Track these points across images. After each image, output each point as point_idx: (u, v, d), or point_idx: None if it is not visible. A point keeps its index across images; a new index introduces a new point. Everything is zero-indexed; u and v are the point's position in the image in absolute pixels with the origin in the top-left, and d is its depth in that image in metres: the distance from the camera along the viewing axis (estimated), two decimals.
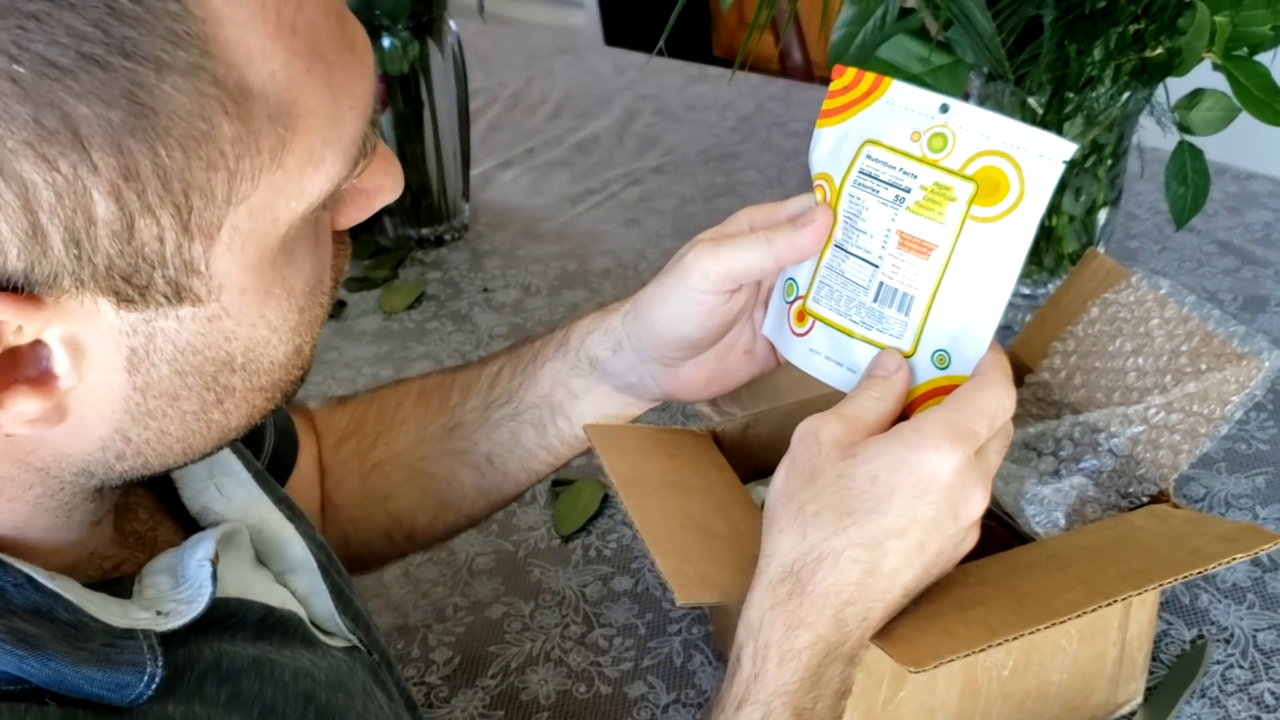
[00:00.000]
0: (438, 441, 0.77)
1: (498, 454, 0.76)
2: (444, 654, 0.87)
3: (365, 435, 0.79)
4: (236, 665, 0.50)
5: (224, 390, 0.45)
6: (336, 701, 0.53)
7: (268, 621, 0.53)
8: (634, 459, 0.71)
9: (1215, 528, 0.67)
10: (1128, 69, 0.96)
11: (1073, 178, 1.05)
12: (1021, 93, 1.00)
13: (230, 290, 0.43)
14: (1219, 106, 0.96)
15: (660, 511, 0.67)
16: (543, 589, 0.92)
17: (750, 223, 0.66)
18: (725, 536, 0.67)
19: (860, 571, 0.56)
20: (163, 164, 0.38)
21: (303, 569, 0.58)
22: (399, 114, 1.30)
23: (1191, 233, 1.27)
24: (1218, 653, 0.82)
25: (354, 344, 1.23)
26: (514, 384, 0.74)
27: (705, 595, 0.62)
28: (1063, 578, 0.63)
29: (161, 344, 0.43)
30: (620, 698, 0.83)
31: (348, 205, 0.49)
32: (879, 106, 0.63)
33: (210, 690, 0.48)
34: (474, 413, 0.76)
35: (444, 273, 1.34)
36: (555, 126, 1.64)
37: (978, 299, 0.60)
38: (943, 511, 0.56)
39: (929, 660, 0.58)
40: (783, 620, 0.56)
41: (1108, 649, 0.74)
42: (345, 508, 0.79)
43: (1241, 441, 0.99)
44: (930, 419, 0.56)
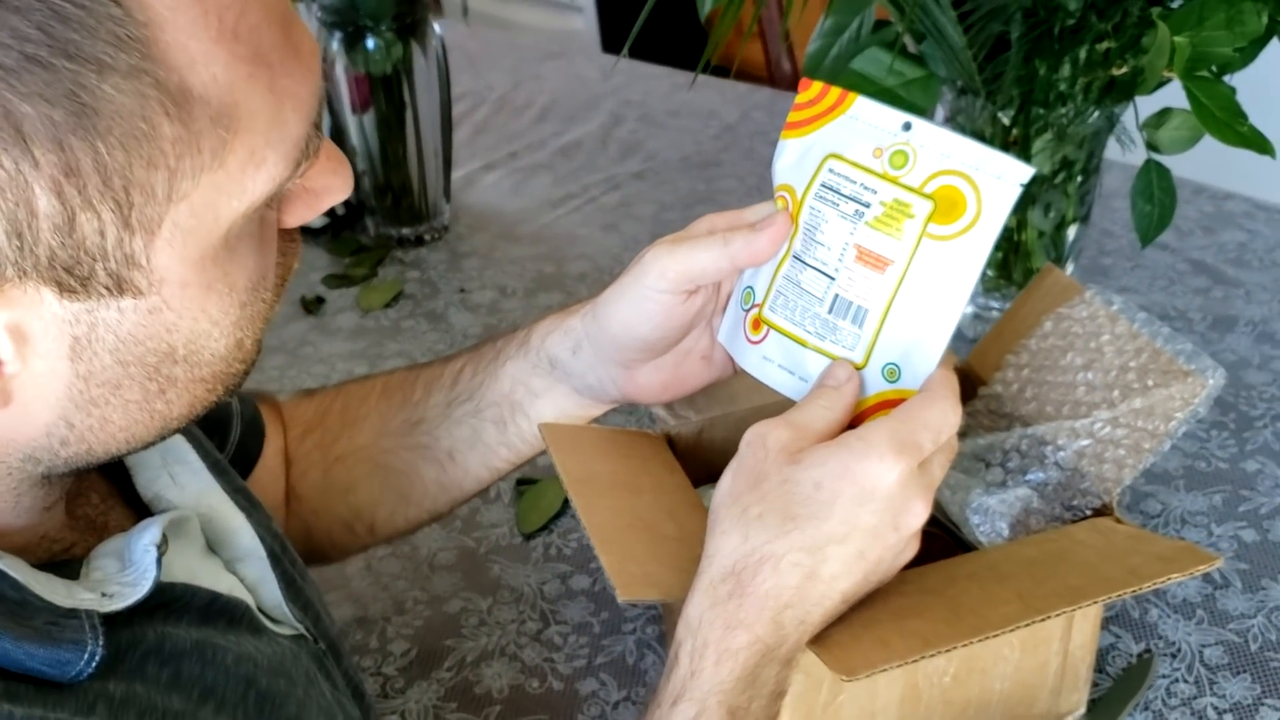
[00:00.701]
0: (400, 436, 0.78)
1: (459, 450, 0.77)
2: (401, 646, 0.88)
3: (330, 428, 0.80)
4: (179, 648, 0.50)
5: (166, 381, 0.46)
6: (277, 687, 0.54)
7: (213, 607, 0.54)
8: (587, 459, 0.72)
9: (1155, 546, 0.68)
10: (1098, 86, 0.97)
11: (1042, 193, 1.06)
12: (992, 107, 1.01)
13: (171, 284, 0.44)
14: (1186, 125, 0.96)
15: (609, 511, 0.68)
16: (502, 585, 0.93)
17: (711, 227, 0.67)
18: (672, 537, 0.68)
19: (800, 576, 0.57)
20: (103, 161, 0.40)
21: (251, 557, 0.59)
22: (381, 114, 1.31)
23: (1165, 251, 1.29)
24: (1164, 667, 0.83)
25: (330, 340, 1.24)
26: (476, 381, 0.75)
27: (647, 593, 0.63)
28: (1000, 591, 0.64)
29: (103, 334, 0.44)
30: (572, 693, 0.84)
31: (295, 204, 0.51)
32: (843, 121, 0.64)
33: (152, 671, 0.49)
34: (436, 409, 0.77)
35: (422, 272, 1.35)
36: (540, 130, 1.65)
37: (930, 315, 0.61)
38: (884, 520, 0.57)
39: (862, 669, 0.59)
40: (722, 620, 0.57)
41: (1050, 659, 0.75)
42: (308, 499, 0.80)
43: (1201, 459, 1.00)
44: (877, 429, 0.58)
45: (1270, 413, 1.04)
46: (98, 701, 0.46)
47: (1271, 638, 0.84)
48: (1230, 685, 0.81)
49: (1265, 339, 1.13)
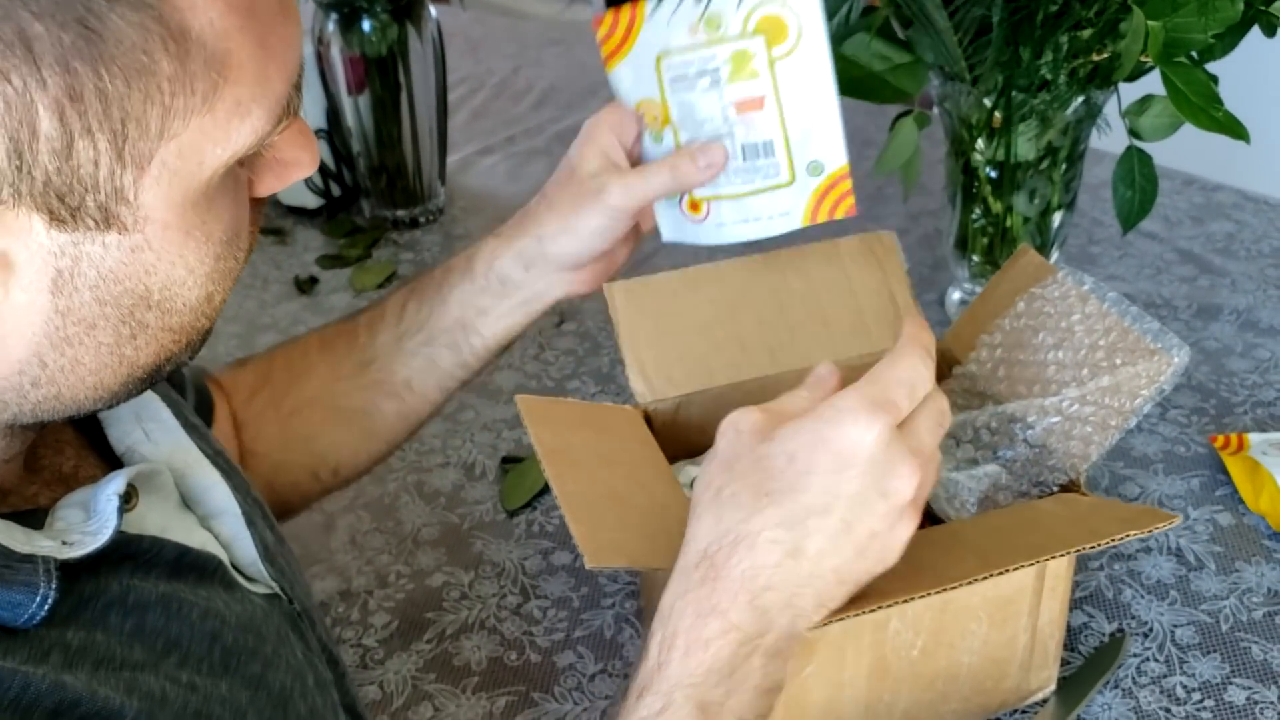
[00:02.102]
0: (353, 378, 0.82)
1: (416, 379, 0.82)
2: (383, 618, 0.90)
3: (276, 385, 0.83)
4: (144, 600, 0.51)
5: (138, 326, 0.48)
6: (245, 642, 0.55)
7: (183, 561, 0.55)
8: (562, 431, 0.73)
9: (1117, 511, 0.69)
10: (1083, 73, 0.98)
11: (1027, 179, 1.07)
12: (979, 92, 1.02)
13: (154, 224, 0.46)
14: (1167, 112, 0.97)
15: (581, 481, 0.69)
16: (484, 560, 0.94)
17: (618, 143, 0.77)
18: (643, 507, 0.69)
19: (780, 554, 0.55)
20: (105, 89, 0.42)
21: (226, 514, 0.60)
22: (376, 96, 1.32)
23: (1153, 240, 1.29)
24: (1135, 646, 0.84)
25: (322, 319, 1.25)
26: (423, 314, 0.80)
27: (615, 560, 0.64)
28: (960, 551, 0.65)
29: (86, 269, 0.45)
30: (549, 666, 0.85)
31: (265, 174, 0.53)
32: (648, 27, 0.75)
33: (114, 621, 0.50)
34: (386, 346, 0.81)
35: (416, 254, 1.36)
36: (538, 116, 1.66)
37: (815, 110, 0.73)
38: (868, 486, 0.54)
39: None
40: (693, 607, 0.55)
41: (1019, 634, 0.76)
42: (268, 455, 0.83)
43: (1180, 444, 1.01)
44: (846, 394, 0.55)
45: (1251, 399, 1.05)
46: (52, 650, 0.46)
47: (1243, 619, 0.85)
48: (1200, 664, 0.82)
49: (1249, 327, 1.14)
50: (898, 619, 0.71)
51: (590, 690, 0.83)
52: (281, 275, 1.34)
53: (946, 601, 0.72)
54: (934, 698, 0.76)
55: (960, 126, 1.07)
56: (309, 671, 0.59)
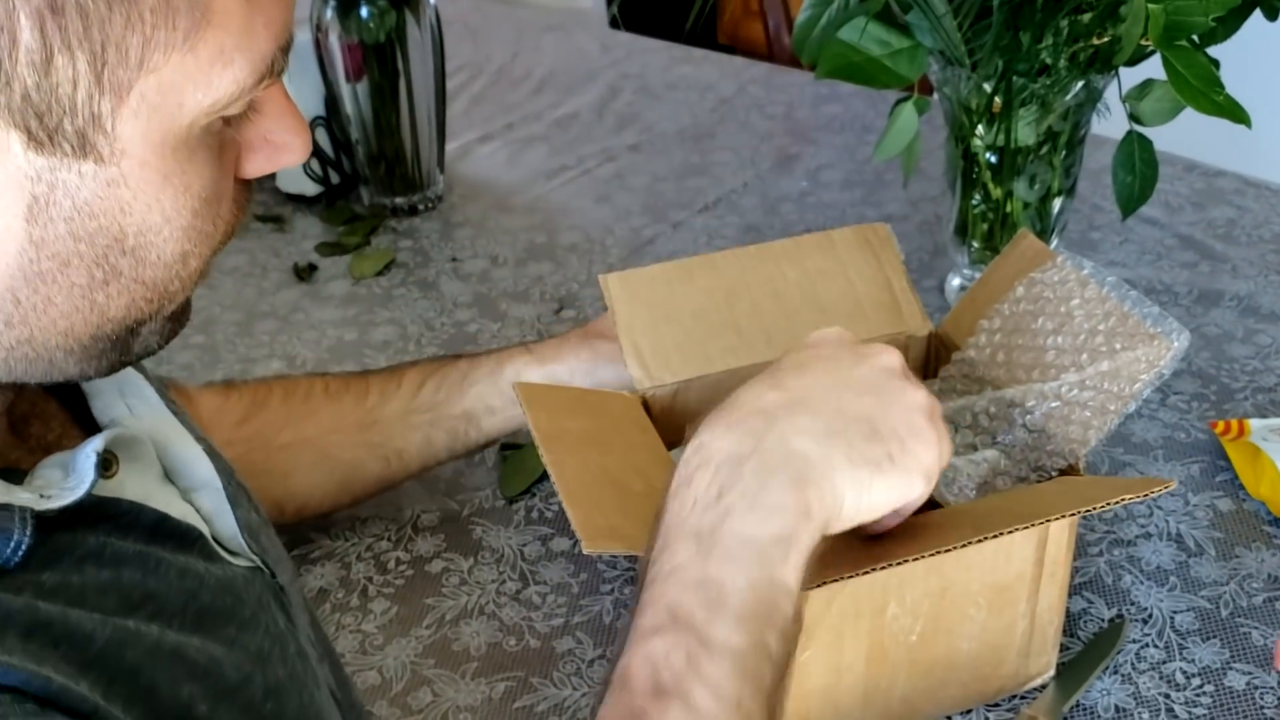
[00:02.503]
0: (352, 432, 0.84)
1: (408, 451, 0.85)
2: (382, 604, 0.90)
3: (272, 417, 0.85)
4: (120, 555, 0.52)
5: (111, 271, 0.48)
6: (223, 603, 0.55)
7: (162, 527, 0.55)
8: (559, 416, 0.73)
9: (1113, 483, 0.69)
10: (1083, 57, 0.98)
11: (1028, 165, 1.07)
12: (978, 77, 1.01)
13: (131, 159, 0.46)
14: (1168, 97, 0.97)
15: (578, 466, 0.69)
16: (483, 547, 0.94)
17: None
18: (640, 493, 0.69)
19: (769, 389, 0.60)
20: (86, 6, 0.42)
21: (208, 488, 0.60)
22: (375, 83, 1.31)
23: (1154, 226, 1.29)
24: (1135, 632, 0.84)
25: (321, 307, 1.25)
26: (438, 397, 0.83)
27: (612, 546, 0.64)
28: (955, 523, 0.66)
29: (61, 198, 0.45)
30: (548, 651, 0.85)
31: (255, 155, 0.52)
32: None
33: (90, 571, 0.50)
34: (392, 415, 0.83)
35: (415, 241, 1.36)
36: (537, 102, 1.65)
37: None
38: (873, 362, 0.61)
39: (813, 581, 0.60)
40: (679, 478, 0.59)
41: (1017, 620, 0.76)
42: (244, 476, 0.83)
43: (1181, 430, 1.01)
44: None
45: (1251, 385, 1.05)
46: (25, 588, 0.47)
47: (1243, 604, 0.85)
48: (1200, 650, 0.82)
49: (1249, 313, 1.14)
50: (896, 603, 0.71)
51: (589, 675, 0.83)
52: (280, 263, 1.34)
53: (945, 586, 0.72)
54: (932, 684, 0.76)
55: (960, 112, 1.07)
56: (290, 640, 0.59)
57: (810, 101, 1.62)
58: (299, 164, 0.54)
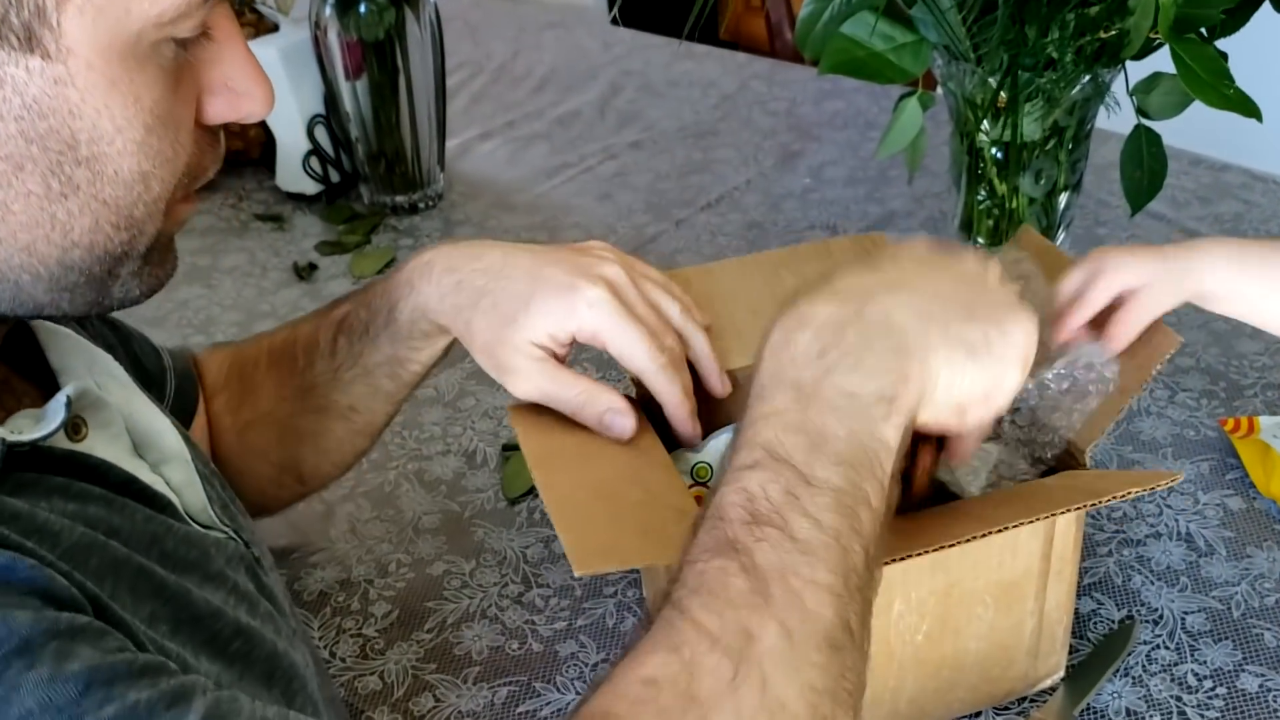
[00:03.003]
0: (297, 401, 0.81)
1: (360, 403, 0.80)
2: (383, 608, 0.89)
3: (232, 394, 0.83)
4: (88, 494, 0.51)
5: (68, 183, 0.47)
6: (186, 554, 0.55)
7: (131, 488, 0.55)
8: (553, 433, 0.72)
9: (1121, 477, 0.68)
10: (1090, 51, 0.97)
11: (1033, 160, 1.06)
12: (982, 72, 1.00)
13: (77, 58, 0.45)
14: (1176, 90, 0.96)
15: (570, 485, 0.68)
16: (485, 549, 0.93)
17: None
18: (637, 501, 0.68)
19: (844, 302, 0.58)
20: None
21: (177, 460, 0.60)
22: (374, 81, 1.31)
23: (1161, 221, 1.28)
24: (1145, 633, 0.83)
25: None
26: (355, 351, 0.79)
27: (605, 564, 0.64)
28: (960, 520, 0.65)
29: (10, 94, 0.45)
30: (551, 655, 0.84)
31: (215, 99, 0.53)
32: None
33: (58, 503, 0.50)
34: (324, 375, 0.80)
35: (416, 240, 1.35)
36: (538, 100, 1.64)
37: None
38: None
39: None
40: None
41: (1025, 619, 0.75)
42: (229, 460, 0.82)
43: (1190, 427, 1.00)
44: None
45: (1261, 381, 1.04)
46: None
47: (1255, 605, 0.84)
48: (1212, 652, 0.81)
49: None
50: (901, 602, 0.70)
51: (593, 679, 0.82)
52: (280, 262, 1.33)
53: (951, 584, 0.71)
54: (940, 685, 0.75)
55: (965, 107, 1.06)
56: (260, 601, 0.58)
57: (813, 97, 1.61)
58: (262, 116, 0.54)
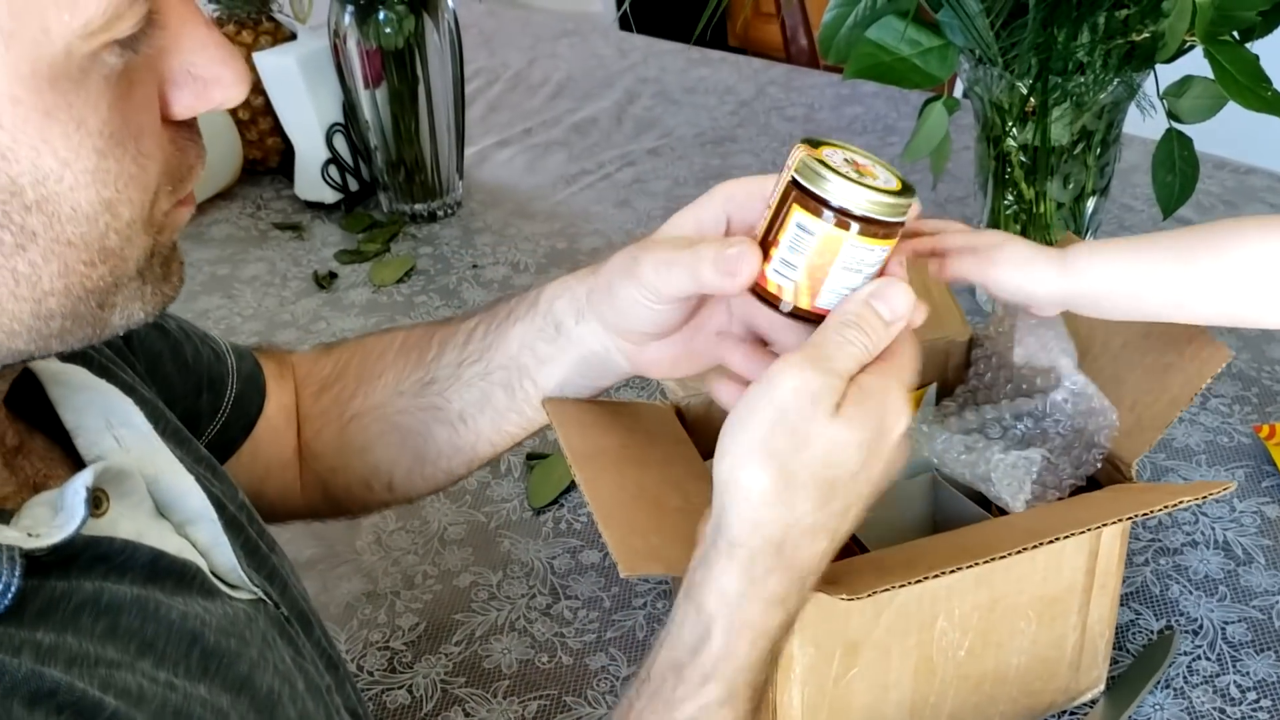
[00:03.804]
0: (413, 396, 0.75)
1: (469, 413, 0.74)
2: (410, 620, 0.87)
3: (346, 385, 0.78)
4: (118, 601, 0.48)
5: (21, 232, 0.43)
6: (228, 645, 0.52)
7: (158, 565, 0.52)
8: (591, 433, 0.71)
9: (1168, 488, 0.67)
10: (1118, 54, 0.96)
11: (1061, 164, 1.05)
12: (1010, 76, 0.99)
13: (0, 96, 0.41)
14: (1208, 94, 0.95)
15: (613, 485, 0.66)
16: (512, 560, 0.92)
17: (725, 207, 0.63)
18: (677, 509, 0.66)
19: (829, 543, 0.55)
20: None
21: (203, 520, 0.56)
22: (394, 89, 1.30)
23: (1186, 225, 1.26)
24: (1185, 644, 0.81)
25: (342, 315, 1.24)
26: (485, 342, 0.73)
27: (651, 568, 0.62)
28: (1010, 533, 0.64)
29: None
30: (581, 668, 0.83)
31: (181, 91, 0.47)
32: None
33: (86, 622, 0.47)
34: (448, 368, 0.74)
35: (435, 248, 1.34)
36: (555, 107, 1.63)
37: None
38: (896, 457, 0.56)
39: (863, 591, 0.58)
40: (763, 597, 0.55)
41: (1068, 633, 0.74)
42: (324, 456, 0.79)
43: (1223, 434, 0.98)
44: (897, 373, 0.55)
45: None
46: (24, 647, 0.43)
47: None
48: (1254, 663, 0.79)
49: None
50: (944, 618, 0.69)
51: (623, 693, 0.81)
52: (300, 271, 1.32)
53: (995, 599, 0.70)
54: (981, 700, 0.74)
55: (991, 111, 1.05)
56: (299, 676, 0.56)
57: (831, 103, 1.60)
58: (237, 101, 0.48)
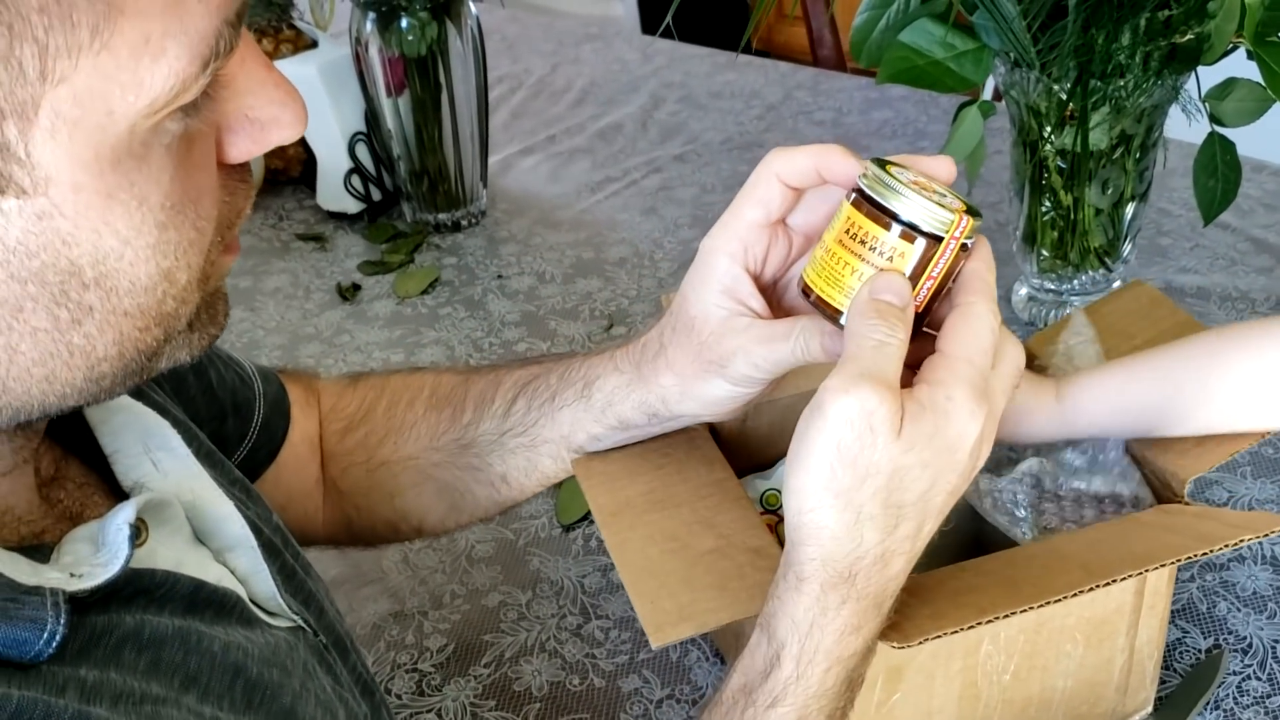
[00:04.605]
0: (450, 454, 0.75)
1: (513, 476, 0.74)
2: (438, 641, 0.86)
3: (374, 430, 0.77)
4: (160, 634, 0.47)
5: (78, 308, 0.42)
6: (270, 676, 0.51)
7: (199, 596, 0.51)
8: (619, 484, 0.69)
9: (1225, 517, 0.65)
10: (1158, 56, 0.93)
11: (1099, 170, 1.02)
12: (1047, 80, 0.97)
13: (60, 185, 0.39)
14: (1252, 96, 0.92)
15: (641, 541, 0.65)
16: (541, 578, 0.90)
17: (781, 184, 0.60)
18: (711, 550, 0.65)
19: (904, 563, 0.55)
20: None
21: (242, 546, 0.55)
22: (416, 97, 1.28)
23: (1225, 230, 1.24)
24: (1234, 663, 0.79)
25: (366, 328, 1.22)
26: (530, 418, 0.72)
27: (681, 632, 0.60)
28: (1061, 564, 0.62)
29: None
30: (614, 691, 0.81)
31: (237, 135, 0.46)
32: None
33: (129, 657, 0.46)
34: (488, 436, 0.73)
35: (459, 258, 1.33)
36: (579, 114, 1.62)
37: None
38: (967, 470, 0.54)
39: (914, 638, 0.56)
40: (835, 627, 0.54)
41: (1115, 655, 0.71)
42: (351, 495, 0.78)
43: (1269, 445, 0.96)
44: (954, 381, 0.52)
45: None
46: (68, 685, 0.42)
47: None
48: None
49: None
50: (990, 641, 0.67)
51: (657, 717, 0.79)
52: (324, 283, 1.30)
53: (1041, 622, 0.67)
54: None
55: (1028, 115, 1.03)
56: (339, 706, 0.55)
57: (859, 107, 1.58)
58: (296, 138, 0.47)
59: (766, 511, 0.77)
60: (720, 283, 0.61)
